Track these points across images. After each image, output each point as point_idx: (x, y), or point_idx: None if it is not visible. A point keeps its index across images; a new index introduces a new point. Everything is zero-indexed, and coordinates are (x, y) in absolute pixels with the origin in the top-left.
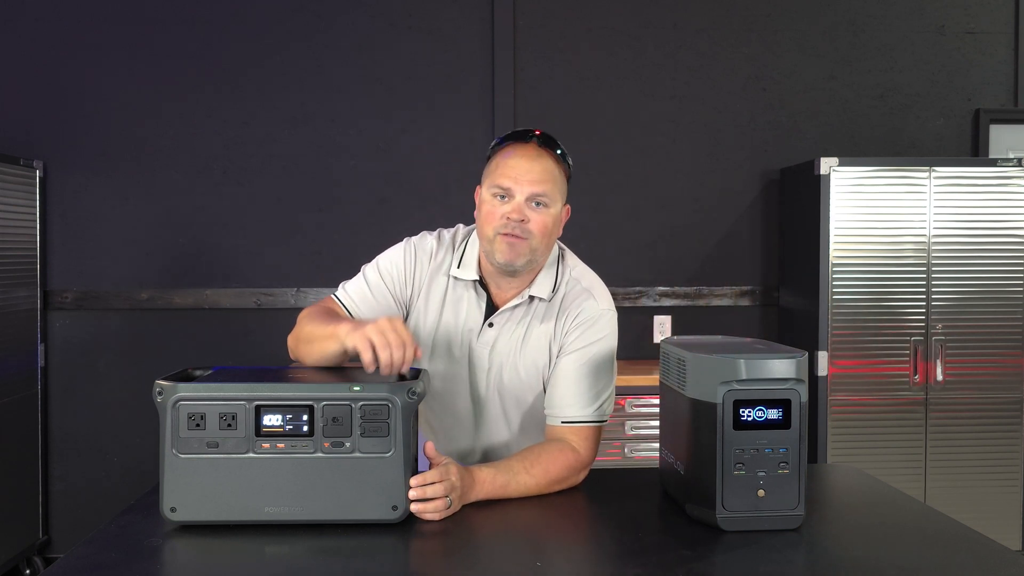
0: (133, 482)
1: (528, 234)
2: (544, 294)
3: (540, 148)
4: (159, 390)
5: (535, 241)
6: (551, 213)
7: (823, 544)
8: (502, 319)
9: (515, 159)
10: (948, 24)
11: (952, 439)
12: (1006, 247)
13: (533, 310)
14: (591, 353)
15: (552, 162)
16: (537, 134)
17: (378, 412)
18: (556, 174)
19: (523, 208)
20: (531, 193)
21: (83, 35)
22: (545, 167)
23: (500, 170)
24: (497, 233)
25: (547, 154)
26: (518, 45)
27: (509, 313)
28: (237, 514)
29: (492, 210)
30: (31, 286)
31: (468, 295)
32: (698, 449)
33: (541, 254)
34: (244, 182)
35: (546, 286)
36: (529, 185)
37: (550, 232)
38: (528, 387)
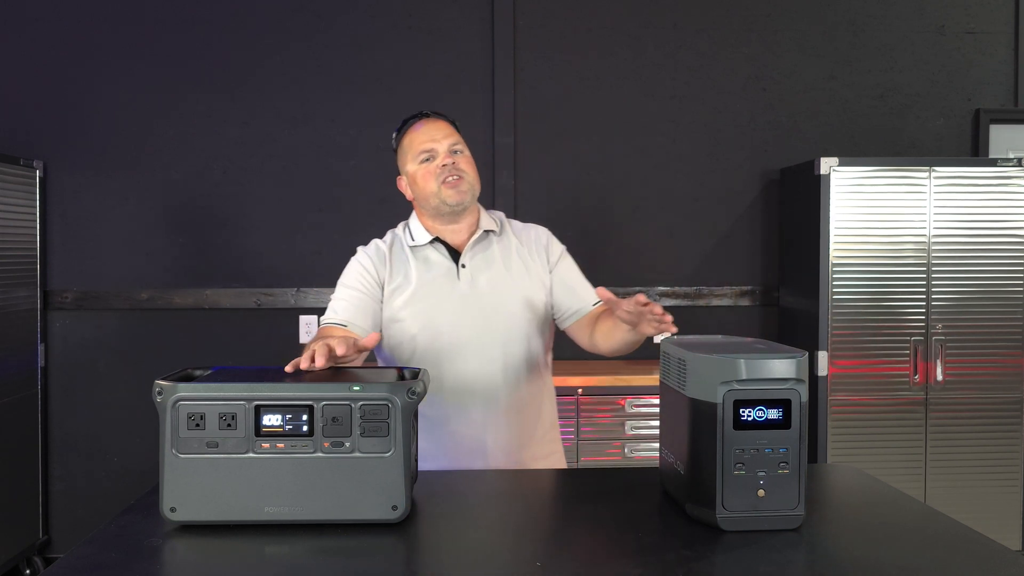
0: (133, 482)
1: (462, 172)
2: (494, 227)
3: (434, 119)
4: (159, 390)
5: (469, 176)
6: (467, 155)
7: (823, 544)
8: (470, 256)
9: (421, 130)
10: (948, 24)
11: (952, 439)
12: (1006, 247)
13: (493, 243)
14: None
15: (447, 124)
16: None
17: (378, 412)
18: (454, 130)
19: (449, 156)
20: (449, 144)
21: (83, 35)
22: (445, 126)
23: (415, 143)
24: (440, 183)
25: (440, 120)
26: (518, 45)
27: (474, 249)
28: (237, 514)
29: (425, 172)
30: (31, 286)
31: (431, 253)
32: (698, 449)
33: (476, 186)
34: (244, 182)
35: (490, 222)
36: (444, 139)
37: (474, 169)
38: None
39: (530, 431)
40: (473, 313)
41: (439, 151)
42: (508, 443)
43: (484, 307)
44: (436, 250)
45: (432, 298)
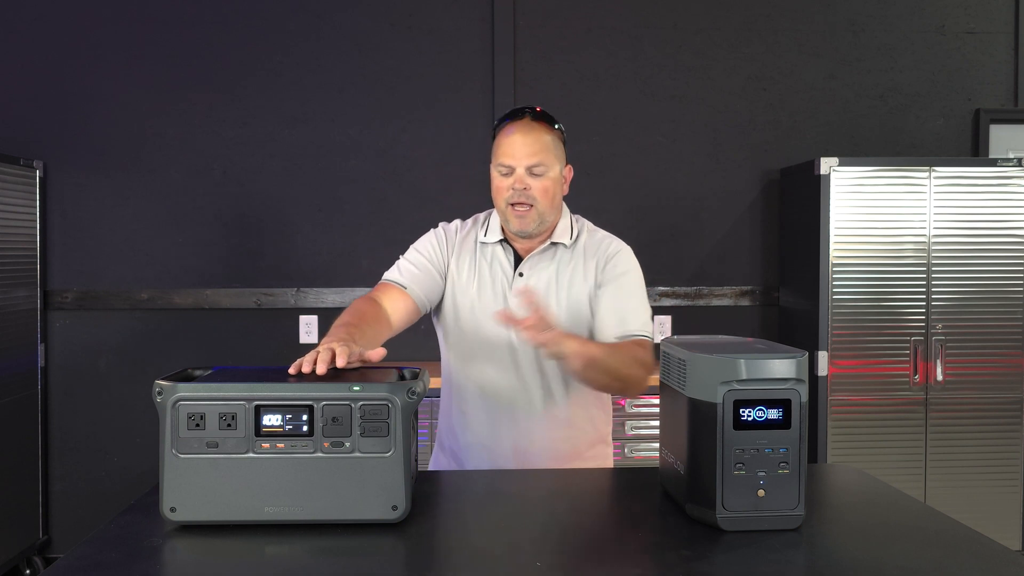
0: (133, 482)
1: (532, 200)
2: (565, 240)
3: (532, 122)
4: (159, 390)
5: (540, 205)
6: (550, 177)
7: (823, 544)
8: (530, 264)
9: (511, 137)
10: (948, 24)
11: (952, 439)
12: (1006, 247)
13: (559, 256)
14: (627, 279)
15: (544, 132)
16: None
17: (378, 412)
18: (549, 142)
19: (524, 178)
20: (528, 165)
21: (83, 35)
22: (538, 138)
23: (500, 149)
24: (507, 204)
25: (539, 126)
26: (518, 45)
27: (536, 258)
28: (237, 514)
29: (499, 185)
30: (31, 286)
31: (496, 253)
32: (698, 449)
33: (549, 214)
34: (244, 182)
35: (565, 233)
36: (525, 158)
37: (552, 194)
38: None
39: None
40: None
41: (517, 170)
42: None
43: None
44: (502, 252)
45: (485, 298)
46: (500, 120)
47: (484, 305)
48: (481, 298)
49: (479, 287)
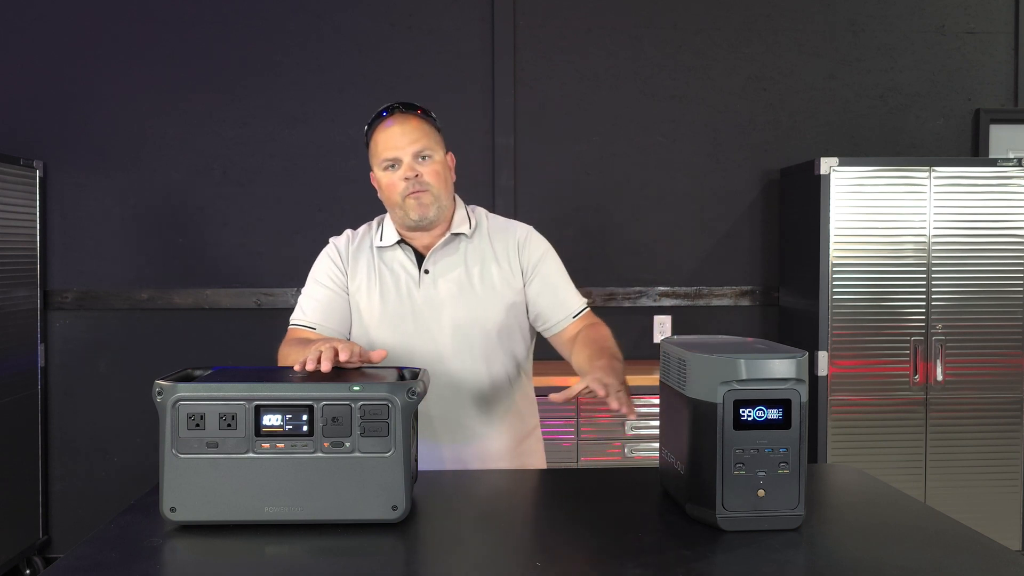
0: (133, 482)
1: (426, 185)
2: (465, 229)
3: (403, 114)
4: (159, 390)
5: (435, 189)
6: (437, 161)
7: (823, 544)
8: (434, 260)
9: (389, 131)
10: (948, 24)
11: (952, 439)
12: (1006, 247)
13: (463, 247)
14: (551, 260)
15: (419, 121)
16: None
17: (378, 412)
18: (427, 129)
19: (413, 166)
20: (414, 152)
21: (83, 35)
22: (415, 127)
23: (380, 147)
24: (403, 196)
25: (411, 117)
26: (518, 45)
27: (440, 253)
28: (237, 514)
29: (390, 181)
30: (31, 286)
31: (395, 256)
32: (698, 449)
33: (445, 199)
34: (244, 182)
35: (463, 224)
36: (409, 146)
37: (443, 178)
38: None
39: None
40: (429, 324)
41: (403, 159)
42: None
43: (445, 317)
44: (402, 253)
45: (391, 304)
46: (370, 122)
47: (391, 311)
48: (386, 305)
49: (382, 294)
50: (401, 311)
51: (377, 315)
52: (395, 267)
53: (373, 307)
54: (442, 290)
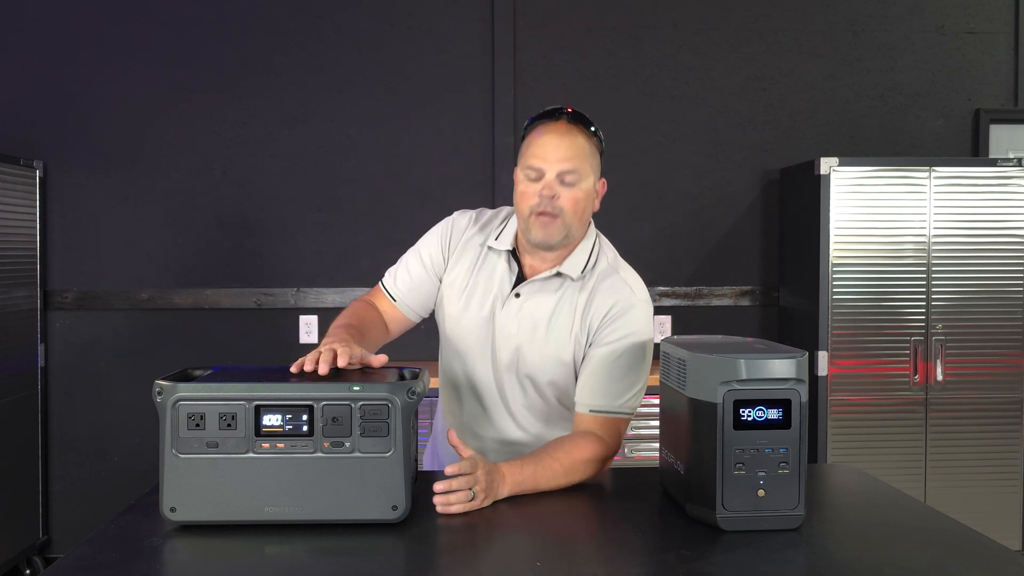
0: (133, 482)
1: (559, 211)
2: (574, 273)
3: (570, 125)
4: (159, 390)
5: (567, 217)
6: (582, 188)
7: (823, 544)
8: (529, 290)
9: (544, 138)
10: (948, 24)
11: (952, 439)
12: (1006, 247)
13: (563, 288)
14: (625, 345)
15: (582, 138)
16: (568, 111)
17: (378, 412)
18: (586, 150)
19: (553, 185)
20: (560, 171)
21: (83, 35)
22: (574, 143)
23: (531, 150)
24: (531, 212)
25: (576, 130)
26: (518, 45)
27: (538, 285)
28: (237, 514)
29: (525, 190)
30: (31, 286)
31: (500, 265)
32: (698, 449)
33: (576, 229)
34: (244, 182)
35: (577, 265)
36: (558, 163)
37: (582, 207)
38: (547, 364)
39: None
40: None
41: (546, 175)
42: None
43: (508, 346)
44: (506, 265)
45: (472, 309)
46: (532, 119)
47: (471, 316)
48: (468, 308)
49: (468, 299)
50: (478, 319)
51: (455, 315)
52: (494, 276)
53: (459, 306)
54: (520, 320)
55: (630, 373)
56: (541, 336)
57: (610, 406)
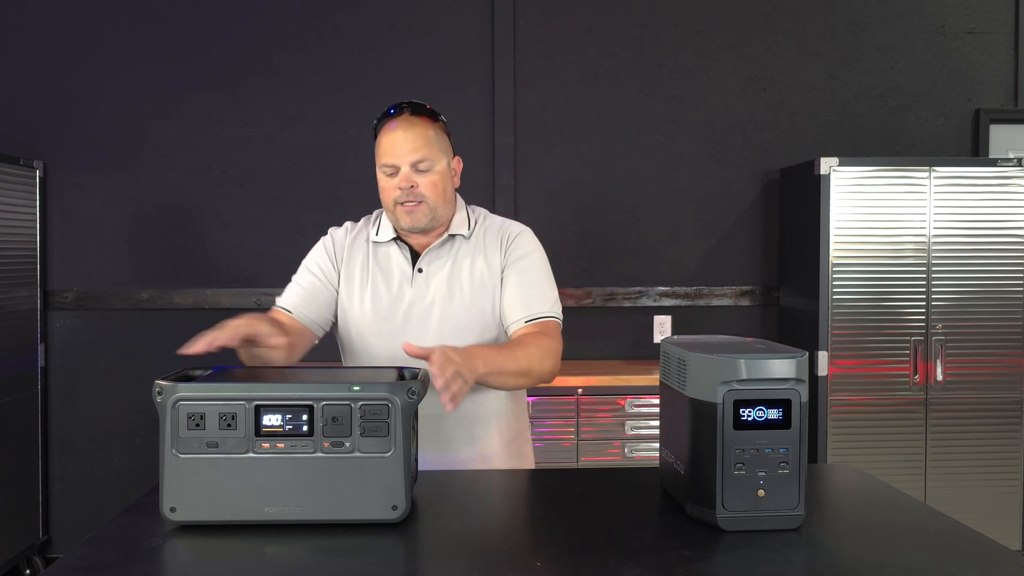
0: (133, 482)
1: (421, 197)
2: (463, 231)
3: (412, 117)
4: (159, 390)
5: (430, 200)
6: (437, 171)
7: (823, 544)
8: (428, 259)
9: (392, 134)
10: (948, 24)
11: (952, 439)
12: (1006, 247)
13: (457, 247)
14: (533, 260)
15: (425, 126)
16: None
17: (378, 412)
18: (431, 136)
19: (410, 176)
20: (412, 161)
21: (83, 35)
22: (419, 134)
23: (382, 148)
24: (395, 203)
25: (419, 120)
26: (518, 45)
27: (435, 252)
28: (237, 514)
29: (386, 185)
30: (31, 286)
31: (391, 252)
32: (698, 449)
33: (441, 210)
34: (244, 182)
35: (462, 225)
36: (408, 155)
37: (441, 188)
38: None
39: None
40: (421, 322)
41: (401, 168)
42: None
43: (432, 316)
44: (397, 250)
45: (383, 301)
46: (379, 118)
47: (381, 307)
48: (377, 302)
49: (374, 291)
50: (392, 309)
51: (369, 311)
52: (389, 264)
53: (365, 303)
54: (433, 290)
55: (547, 279)
56: (458, 291)
57: (543, 311)
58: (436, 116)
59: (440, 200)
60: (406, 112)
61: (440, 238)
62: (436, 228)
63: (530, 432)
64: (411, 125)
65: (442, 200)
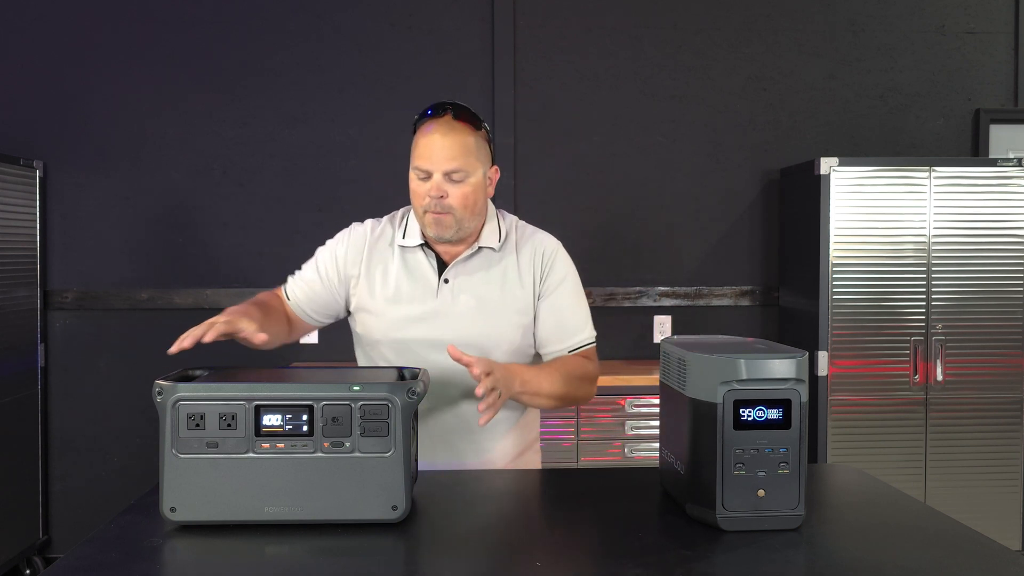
0: (133, 482)
1: (450, 208)
2: (493, 244)
3: (454, 122)
4: (159, 390)
5: (458, 212)
6: (471, 183)
7: (823, 544)
8: (455, 272)
9: (430, 137)
10: (948, 24)
11: (952, 439)
12: (1006, 247)
13: (489, 260)
14: (569, 285)
15: (466, 133)
16: (450, 107)
17: (378, 412)
18: (472, 145)
19: (442, 185)
20: (447, 170)
21: (83, 35)
22: (458, 140)
23: (418, 151)
24: (425, 211)
25: (460, 126)
26: (518, 45)
27: (462, 265)
28: (237, 514)
29: (417, 189)
30: (31, 286)
31: (418, 259)
32: (698, 449)
33: (469, 221)
34: (244, 182)
35: (492, 237)
36: (444, 163)
37: (472, 201)
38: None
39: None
40: (444, 334)
41: (434, 175)
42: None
43: (457, 329)
44: (424, 257)
45: (404, 309)
46: (419, 116)
47: (403, 316)
48: (399, 309)
49: (396, 297)
50: (413, 316)
51: (389, 318)
52: (414, 270)
53: (385, 308)
54: (461, 304)
55: (582, 302)
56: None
57: (581, 340)
58: (480, 123)
59: (469, 213)
60: (448, 115)
61: (469, 248)
62: (464, 239)
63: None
64: (451, 131)
65: (471, 212)
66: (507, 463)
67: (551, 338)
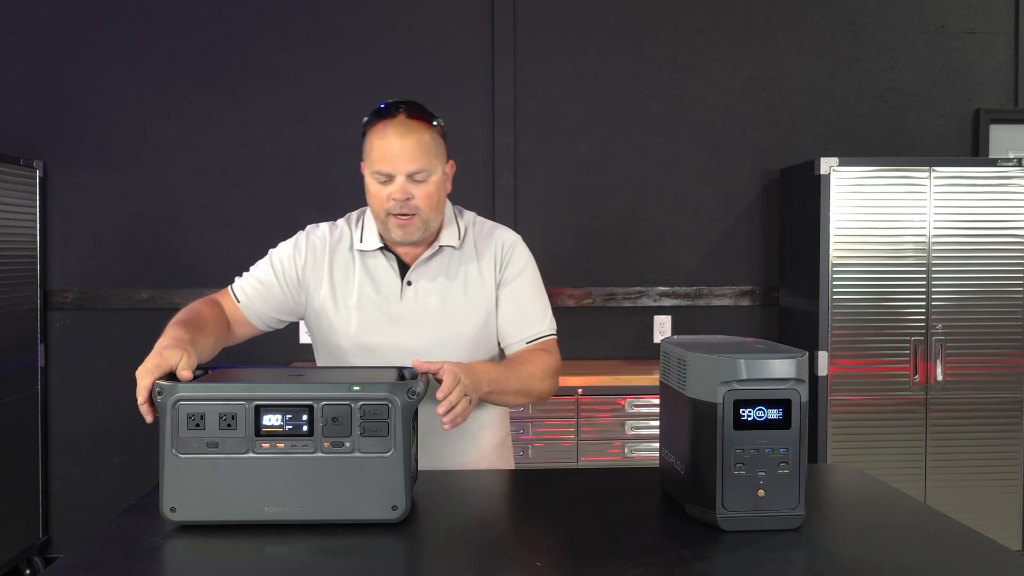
0: (133, 482)
1: (416, 209)
2: (454, 242)
3: (408, 120)
4: (159, 390)
5: (424, 213)
6: (433, 182)
7: (823, 544)
8: (417, 274)
9: (387, 140)
10: (948, 24)
11: (952, 439)
12: (1006, 247)
13: (448, 259)
14: (528, 275)
15: (422, 131)
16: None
17: (378, 412)
18: (429, 143)
19: (406, 187)
20: (409, 171)
21: (83, 35)
22: (417, 141)
23: (376, 153)
24: (388, 214)
25: (416, 124)
26: (518, 45)
27: (424, 266)
28: (237, 514)
29: (377, 193)
30: (31, 286)
31: (378, 263)
32: (698, 449)
33: (434, 220)
34: (244, 182)
35: (452, 235)
36: (406, 164)
37: (435, 200)
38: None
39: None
40: (411, 337)
41: (396, 178)
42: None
43: (424, 331)
44: (384, 260)
45: (367, 314)
46: (370, 117)
47: (367, 321)
48: (363, 314)
49: (360, 302)
50: (379, 321)
51: (354, 323)
52: (375, 275)
53: (349, 314)
54: (425, 303)
55: (541, 294)
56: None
57: (541, 331)
58: (433, 118)
59: (434, 212)
60: (401, 113)
61: (430, 249)
62: (425, 240)
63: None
64: (408, 131)
65: (436, 212)
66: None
67: (511, 329)
